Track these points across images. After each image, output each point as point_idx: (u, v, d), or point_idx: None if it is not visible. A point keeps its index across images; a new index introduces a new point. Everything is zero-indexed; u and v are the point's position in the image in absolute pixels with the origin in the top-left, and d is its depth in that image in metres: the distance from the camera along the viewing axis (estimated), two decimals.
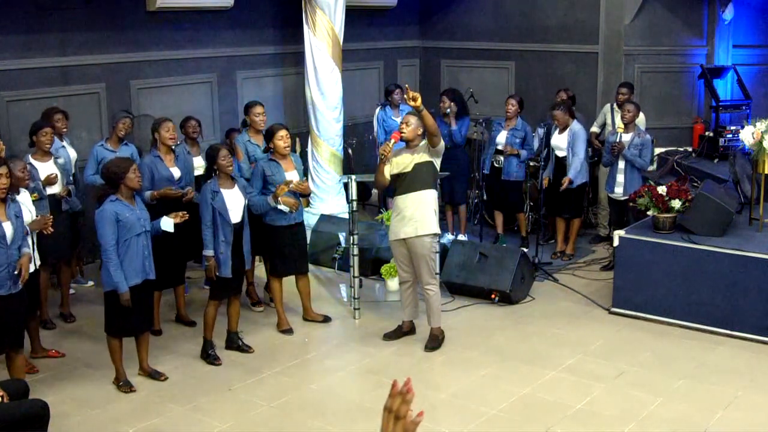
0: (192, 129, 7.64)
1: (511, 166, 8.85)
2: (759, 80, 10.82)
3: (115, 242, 5.70)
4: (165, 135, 6.88)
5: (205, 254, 6.34)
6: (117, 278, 5.73)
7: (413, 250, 6.56)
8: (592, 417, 5.62)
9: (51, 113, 7.37)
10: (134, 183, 5.81)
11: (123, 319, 5.90)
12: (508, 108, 8.87)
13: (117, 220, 5.70)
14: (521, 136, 8.82)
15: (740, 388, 6.01)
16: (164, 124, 6.92)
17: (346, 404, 5.92)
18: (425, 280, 6.64)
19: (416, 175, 6.47)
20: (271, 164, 6.85)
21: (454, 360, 6.59)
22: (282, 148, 6.82)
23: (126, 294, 5.75)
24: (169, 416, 5.68)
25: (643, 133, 8.36)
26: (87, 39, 8.66)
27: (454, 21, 11.98)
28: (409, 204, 6.49)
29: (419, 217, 6.48)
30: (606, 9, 10.62)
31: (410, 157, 6.49)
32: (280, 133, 6.84)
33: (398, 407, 2.16)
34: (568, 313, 7.50)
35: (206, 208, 6.29)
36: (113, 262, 5.71)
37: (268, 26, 10.41)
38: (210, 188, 6.32)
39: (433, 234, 6.58)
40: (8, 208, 5.42)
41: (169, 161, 6.96)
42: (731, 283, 6.85)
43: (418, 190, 6.48)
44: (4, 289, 5.35)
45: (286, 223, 6.89)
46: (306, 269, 7.20)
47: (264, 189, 6.83)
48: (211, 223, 6.28)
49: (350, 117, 10.66)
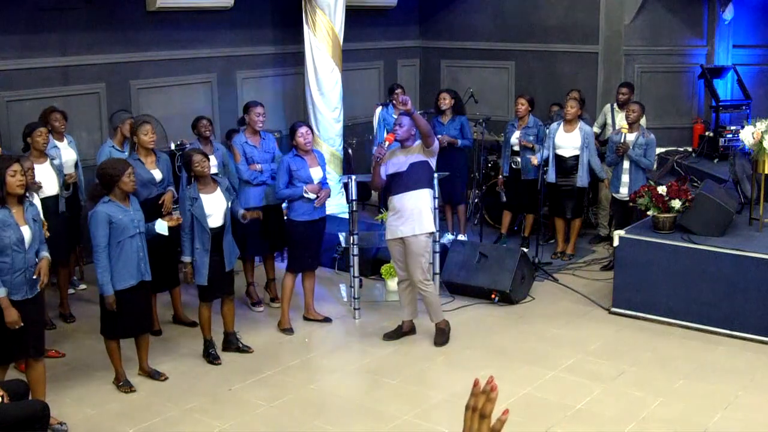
0: (204, 128, 7.53)
1: (528, 164, 8.82)
2: (759, 80, 10.83)
3: (106, 244, 5.67)
4: (143, 138, 6.70)
5: (183, 260, 6.32)
6: (102, 280, 5.70)
7: (409, 249, 6.59)
8: (592, 417, 5.62)
9: (48, 113, 7.37)
10: (128, 186, 5.77)
11: (117, 321, 5.87)
12: (518, 108, 8.86)
13: (110, 221, 5.68)
14: (534, 133, 8.79)
15: (740, 388, 6.01)
16: (142, 126, 6.74)
17: (346, 404, 5.93)
18: (417, 279, 6.65)
19: (412, 175, 6.51)
20: (296, 160, 6.94)
21: (454, 360, 6.59)
22: (303, 145, 6.90)
23: (110, 297, 5.72)
24: (169, 416, 5.68)
25: (647, 132, 8.33)
26: (87, 39, 8.66)
27: (454, 21, 11.98)
28: (406, 203, 6.52)
29: (417, 216, 6.51)
30: (606, 9, 10.62)
31: (405, 157, 6.55)
32: (300, 130, 6.93)
33: (483, 405, 2.09)
34: (568, 313, 7.50)
35: (184, 215, 6.26)
36: (101, 264, 5.67)
37: (268, 26, 10.41)
38: (189, 194, 6.29)
39: (430, 233, 6.63)
40: (26, 211, 5.29)
41: (150, 163, 6.80)
42: (731, 283, 6.84)
43: (414, 189, 6.51)
44: (20, 294, 5.21)
45: (309, 219, 6.93)
46: (315, 266, 7.26)
47: (290, 184, 6.91)
48: (189, 229, 6.26)
49: (350, 117, 10.66)
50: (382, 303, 7.79)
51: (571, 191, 8.68)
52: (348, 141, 10.40)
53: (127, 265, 5.77)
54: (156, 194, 6.75)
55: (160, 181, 6.83)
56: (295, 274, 7.12)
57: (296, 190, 6.90)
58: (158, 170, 6.85)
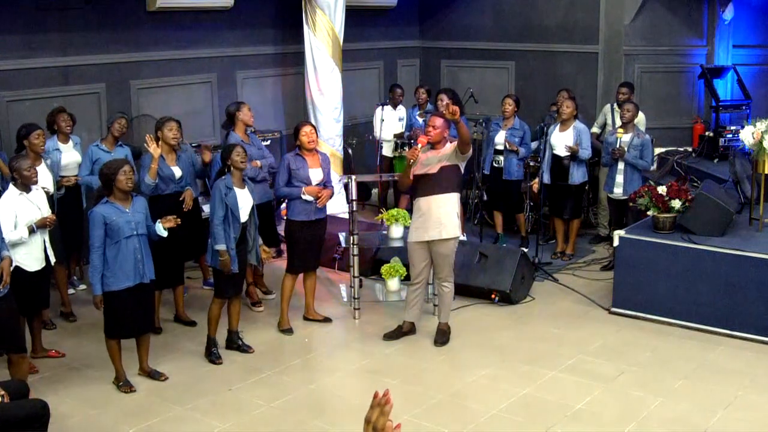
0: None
1: (512, 165, 8.85)
2: (759, 80, 10.83)
3: (99, 245, 5.70)
4: (168, 134, 6.93)
5: (218, 249, 6.29)
6: (93, 280, 5.76)
7: (437, 251, 6.57)
8: (592, 417, 5.62)
9: (56, 113, 7.42)
10: (123, 185, 5.77)
11: (118, 321, 5.89)
12: (505, 108, 8.87)
13: (105, 222, 5.70)
14: (519, 135, 8.83)
15: (740, 388, 6.01)
16: (167, 123, 6.98)
17: (346, 404, 5.93)
18: (444, 276, 6.68)
19: (442, 178, 6.46)
20: (297, 159, 6.92)
21: (454, 360, 6.59)
22: (306, 143, 6.89)
23: (97, 297, 5.78)
24: (169, 416, 5.68)
25: (642, 133, 8.35)
26: (87, 39, 8.67)
27: (454, 21, 11.99)
28: (434, 206, 6.47)
29: (445, 221, 6.47)
30: (606, 9, 10.62)
31: (437, 159, 6.48)
32: (304, 129, 6.94)
33: (376, 419, 2.11)
34: (568, 313, 7.50)
35: (219, 204, 6.28)
36: (93, 263, 5.73)
37: (268, 26, 10.41)
38: (224, 184, 6.33)
39: (456, 237, 6.61)
40: None
41: (171, 160, 7.00)
42: (731, 283, 6.84)
43: (443, 193, 6.47)
44: None
45: (306, 219, 6.92)
46: (316, 266, 7.25)
47: (288, 182, 6.90)
48: (223, 218, 6.28)
49: (350, 117, 10.67)
50: (382, 303, 7.79)
51: (569, 191, 8.68)
52: (348, 141, 10.41)
53: (124, 266, 5.77)
54: (173, 191, 6.95)
55: (179, 178, 7.01)
56: (295, 274, 7.11)
57: (295, 191, 6.89)
58: (178, 167, 7.03)
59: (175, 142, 6.99)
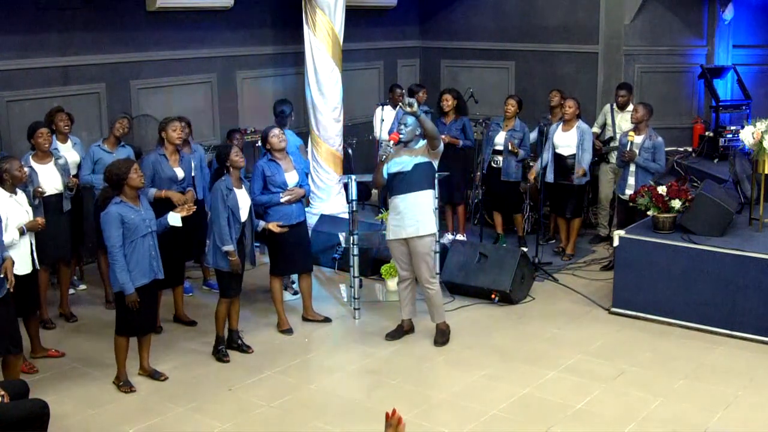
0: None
1: (510, 166, 8.85)
2: (759, 80, 10.83)
3: (120, 244, 5.73)
4: (172, 135, 6.94)
5: (227, 249, 6.30)
6: (123, 280, 5.75)
7: (414, 250, 6.59)
8: (592, 417, 5.62)
9: (54, 113, 7.40)
10: (136, 182, 5.83)
11: (133, 320, 5.92)
12: (508, 108, 8.86)
13: (122, 222, 5.72)
14: (519, 136, 8.82)
15: (740, 388, 6.01)
16: (171, 123, 6.99)
17: (346, 404, 5.92)
18: (425, 279, 6.67)
19: (415, 175, 6.51)
20: (270, 165, 6.87)
21: (454, 360, 6.59)
22: (277, 144, 6.86)
23: (133, 295, 5.78)
24: (169, 416, 5.68)
25: (655, 135, 8.17)
26: (87, 39, 8.66)
27: (454, 21, 11.99)
28: (409, 204, 6.52)
29: (420, 218, 6.52)
30: (606, 9, 10.62)
31: (409, 157, 6.53)
32: (273, 131, 6.92)
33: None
34: (568, 313, 7.50)
35: (222, 205, 6.30)
36: (119, 263, 5.73)
37: (268, 26, 10.41)
38: (225, 185, 6.34)
39: (433, 234, 6.63)
40: None
41: (174, 161, 7.01)
42: (731, 283, 6.84)
43: (417, 191, 6.51)
44: None
45: (287, 223, 6.89)
46: (309, 267, 7.23)
47: (264, 189, 6.84)
48: (226, 219, 6.30)
49: (350, 117, 10.66)
50: (382, 303, 7.79)
51: (571, 190, 8.68)
52: (348, 141, 10.41)
53: (140, 263, 5.82)
54: (175, 191, 6.94)
55: (182, 179, 7.03)
56: (280, 276, 7.10)
57: (274, 197, 6.82)
58: (180, 168, 7.05)
59: (180, 141, 7.02)
